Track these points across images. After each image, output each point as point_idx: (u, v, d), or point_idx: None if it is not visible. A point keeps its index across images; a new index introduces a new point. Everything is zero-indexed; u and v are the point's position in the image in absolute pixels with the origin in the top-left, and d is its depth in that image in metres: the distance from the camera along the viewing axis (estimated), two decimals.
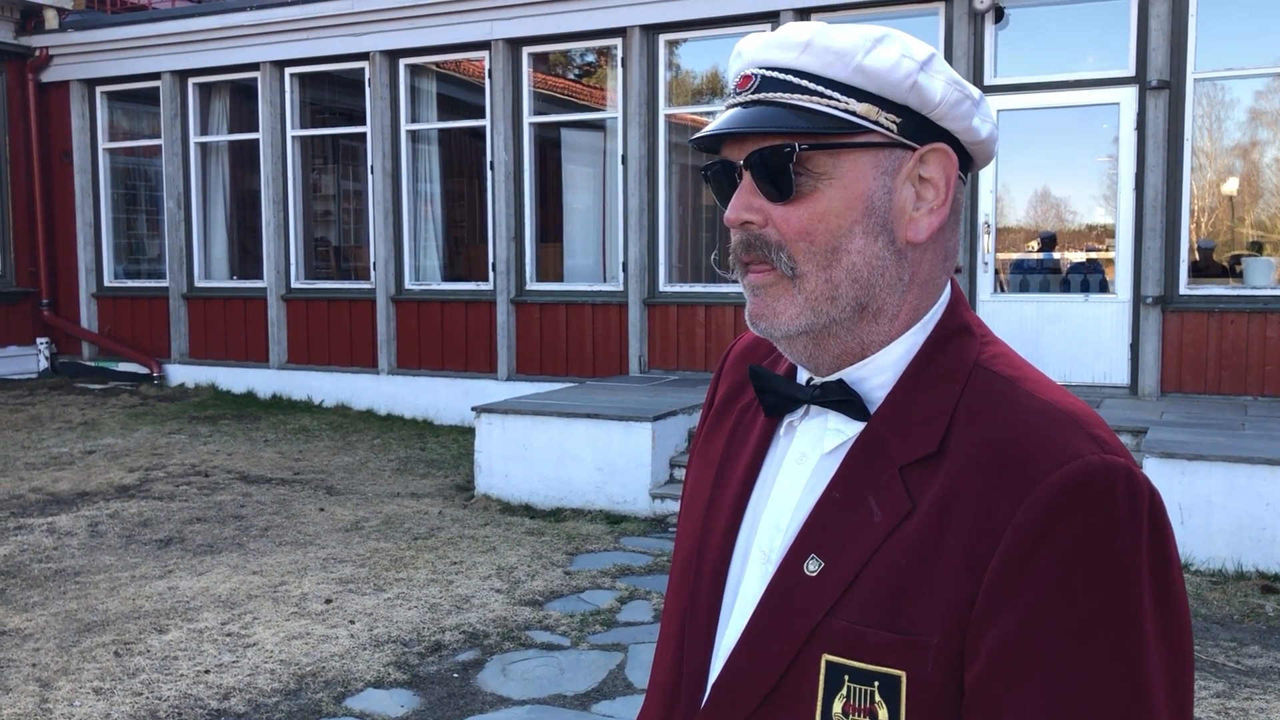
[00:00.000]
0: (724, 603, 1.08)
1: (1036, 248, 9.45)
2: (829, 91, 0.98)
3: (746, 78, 1.02)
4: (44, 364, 12.68)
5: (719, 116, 1.05)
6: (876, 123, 0.98)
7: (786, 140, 0.99)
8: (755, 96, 1.01)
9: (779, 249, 1.01)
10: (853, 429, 1.03)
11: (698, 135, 1.04)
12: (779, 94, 0.99)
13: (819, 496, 1.02)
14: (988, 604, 0.91)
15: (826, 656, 0.97)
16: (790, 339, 1.04)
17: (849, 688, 0.96)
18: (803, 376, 1.10)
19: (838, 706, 0.96)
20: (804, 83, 0.99)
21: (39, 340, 12.67)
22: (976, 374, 1.01)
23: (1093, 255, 9.17)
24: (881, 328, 1.03)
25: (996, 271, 8.87)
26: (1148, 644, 0.90)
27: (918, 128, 1.00)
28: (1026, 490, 0.91)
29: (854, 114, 0.98)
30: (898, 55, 0.97)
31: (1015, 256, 9.44)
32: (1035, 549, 0.90)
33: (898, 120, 0.98)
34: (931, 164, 1.01)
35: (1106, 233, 8.82)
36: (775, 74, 1.00)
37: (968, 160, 1.06)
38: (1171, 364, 8.15)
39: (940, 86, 0.99)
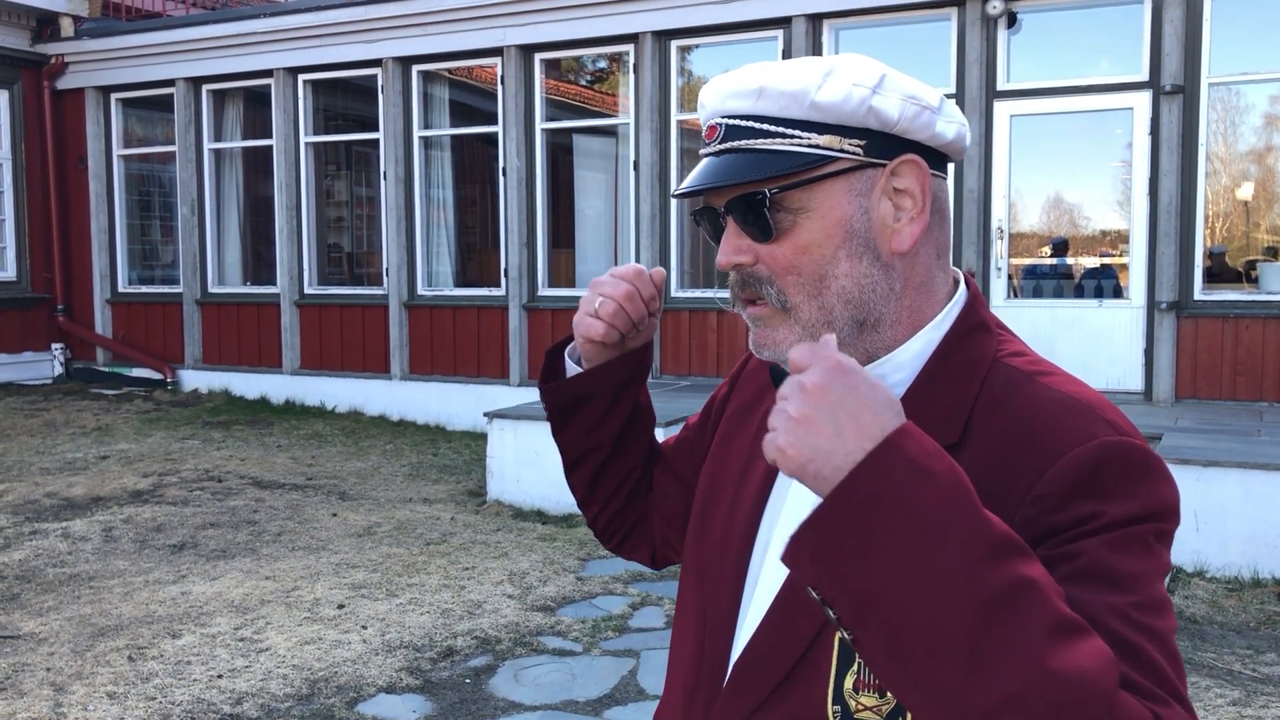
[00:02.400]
0: (744, 593, 1.13)
1: (1049, 253, 9.42)
2: (790, 131, 1.02)
3: (713, 128, 1.07)
4: (59, 369, 12.75)
5: (695, 168, 1.10)
6: (841, 150, 1.02)
7: (756, 187, 1.03)
8: (723, 146, 1.06)
9: (769, 284, 1.06)
10: None
11: (676, 191, 1.09)
12: (744, 141, 1.04)
13: None
14: None
15: (839, 635, 1.00)
16: None
17: (859, 664, 1.00)
18: None
19: (849, 683, 1.01)
20: (765, 126, 1.03)
21: (54, 346, 12.73)
22: (995, 368, 1.05)
23: (1106, 260, 9.13)
24: (883, 335, 1.07)
25: (1010, 277, 8.85)
26: (1158, 584, 0.93)
27: (883, 145, 1.03)
28: (1043, 469, 0.95)
29: (818, 147, 1.01)
30: (848, 85, 1.00)
31: (1028, 262, 9.40)
32: (1050, 521, 0.93)
33: (862, 143, 1.02)
34: (904, 175, 1.04)
35: (1120, 238, 8.78)
36: (737, 122, 1.04)
37: (942, 159, 1.09)
38: (1186, 370, 8.11)
39: (896, 105, 1.02)
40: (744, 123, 1.03)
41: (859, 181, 1.03)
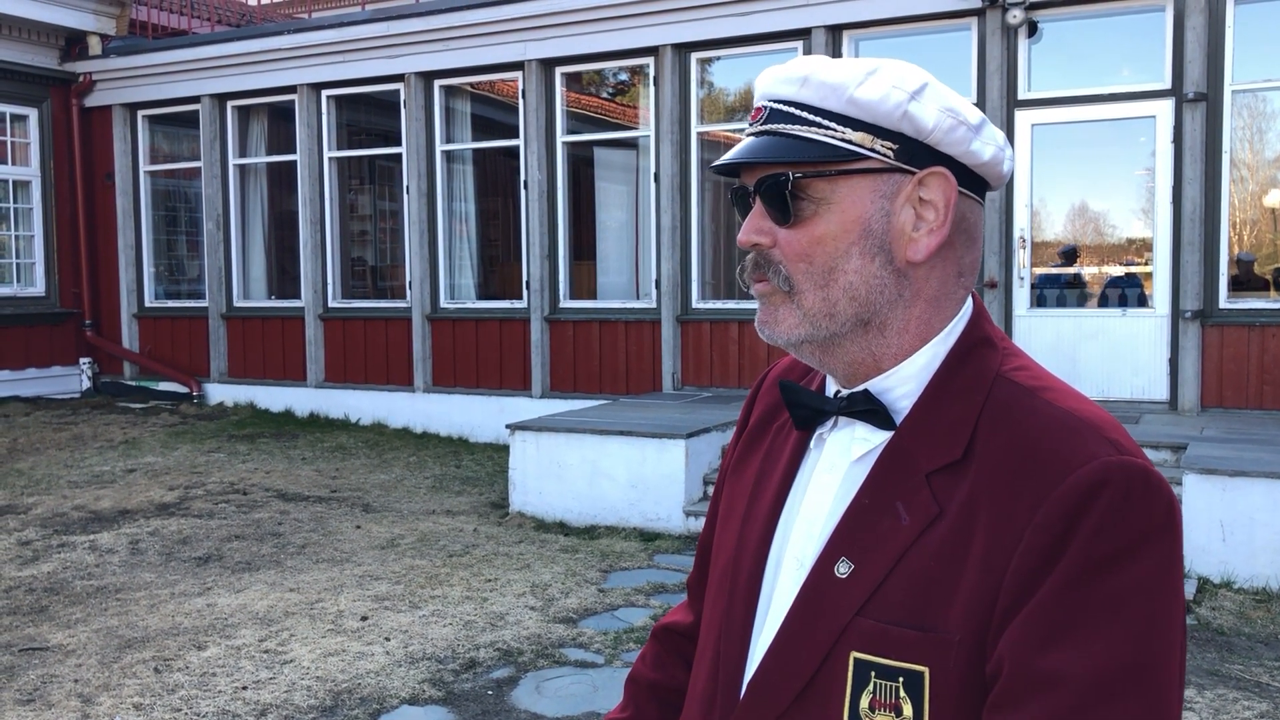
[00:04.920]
0: (758, 610, 1.13)
1: (1059, 261, 9.34)
2: (826, 122, 1.04)
3: (759, 110, 1.10)
4: (86, 383, 12.88)
5: (738, 144, 1.13)
6: (872, 150, 1.04)
7: (784, 169, 1.05)
8: (764, 127, 1.08)
9: (779, 268, 1.08)
10: (879, 437, 1.08)
11: (715, 164, 1.13)
12: (783, 125, 1.06)
13: (849, 503, 1.07)
14: (1010, 601, 0.95)
15: (854, 654, 1.02)
16: (795, 346, 1.11)
17: (875, 684, 1.01)
18: (831, 390, 1.15)
19: (865, 702, 1.01)
20: (804, 114, 1.05)
21: (82, 360, 12.87)
22: (999, 384, 1.06)
23: (1131, 269, 9.07)
24: (889, 341, 1.08)
25: (1033, 286, 8.80)
26: (1158, 627, 0.93)
27: (916, 153, 1.04)
28: (1046, 492, 0.95)
29: (850, 142, 1.04)
30: (888, 86, 1.03)
31: (1051, 271, 9.35)
32: (1056, 549, 0.94)
33: (894, 147, 1.04)
34: (931, 187, 1.05)
35: (1145, 246, 8.72)
36: (781, 106, 1.07)
37: (980, 183, 1.10)
38: (1211, 379, 8.04)
39: (932, 114, 1.03)
40: (786, 108, 1.06)
41: (885, 184, 1.05)
